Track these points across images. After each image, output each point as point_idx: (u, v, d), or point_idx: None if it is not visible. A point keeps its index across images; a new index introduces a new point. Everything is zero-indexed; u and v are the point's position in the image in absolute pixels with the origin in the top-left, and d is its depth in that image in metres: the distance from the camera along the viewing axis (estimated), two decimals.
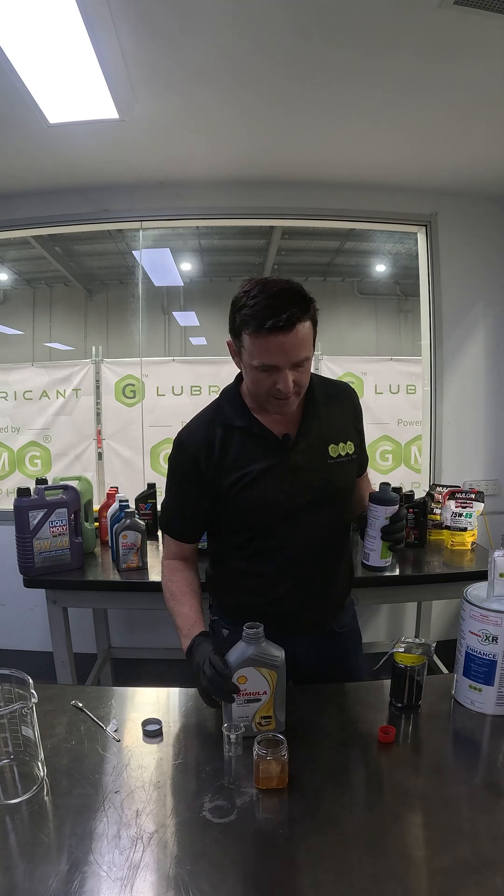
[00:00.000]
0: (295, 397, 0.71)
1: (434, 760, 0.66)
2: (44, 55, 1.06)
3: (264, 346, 0.66)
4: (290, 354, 0.67)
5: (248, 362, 0.69)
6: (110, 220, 1.86)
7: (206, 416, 0.79)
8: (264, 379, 0.69)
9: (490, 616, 0.69)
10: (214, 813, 0.57)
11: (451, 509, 1.54)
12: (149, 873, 0.50)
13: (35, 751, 0.61)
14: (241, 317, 0.67)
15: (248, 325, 0.66)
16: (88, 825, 0.55)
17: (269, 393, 0.70)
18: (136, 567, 1.34)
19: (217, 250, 4.31)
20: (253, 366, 0.68)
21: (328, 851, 0.53)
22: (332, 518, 0.80)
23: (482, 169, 1.62)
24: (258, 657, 0.65)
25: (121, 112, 1.30)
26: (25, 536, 1.30)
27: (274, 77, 1.20)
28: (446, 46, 1.07)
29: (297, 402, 0.73)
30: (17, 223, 1.84)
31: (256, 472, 0.74)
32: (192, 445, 0.76)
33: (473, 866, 0.50)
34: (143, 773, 0.63)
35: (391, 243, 3.72)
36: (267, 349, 0.66)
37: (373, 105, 1.31)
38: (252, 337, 0.66)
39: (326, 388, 0.81)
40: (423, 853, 0.52)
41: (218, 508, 0.78)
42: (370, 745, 0.68)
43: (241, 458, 0.75)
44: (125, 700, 0.80)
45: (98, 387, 2.02)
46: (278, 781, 0.60)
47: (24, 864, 0.51)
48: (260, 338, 0.65)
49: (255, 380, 0.70)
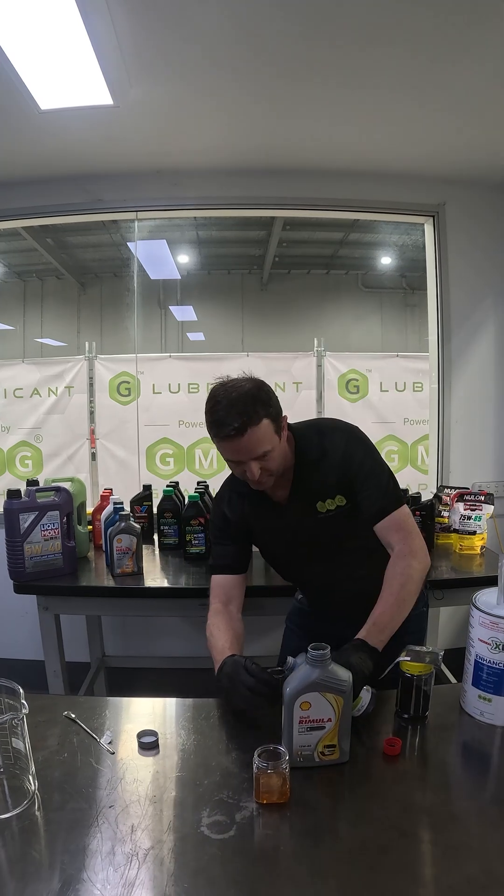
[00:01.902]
0: (269, 478, 0.83)
1: (441, 774, 0.65)
2: (35, 38, 1.02)
3: (224, 448, 0.80)
4: (247, 453, 0.79)
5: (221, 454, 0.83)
6: (104, 211, 1.82)
7: (228, 480, 0.95)
8: (236, 468, 0.83)
9: (500, 623, 0.67)
10: (213, 828, 0.55)
11: (459, 512, 1.51)
12: (144, 891, 0.48)
13: (26, 764, 0.60)
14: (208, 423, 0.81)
15: (209, 430, 0.81)
16: (81, 841, 0.54)
17: (245, 478, 0.83)
18: (131, 572, 1.31)
19: (216, 242, 4.26)
20: (225, 458, 0.83)
21: (331, 869, 0.51)
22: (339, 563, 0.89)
23: (492, 157, 1.58)
24: (323, 681, 0.62)
25: (115, 98, 1.26)
26: (16, 540, 1.27)
27: (275, 64, 1.17)
28: (452, 35, 1.04)
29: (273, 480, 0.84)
30: (7, 213, 1.80)
31: (261, 529, 0.92)
32: (223, 502, 0.94)
33: (482, 884, 0.48)
34: (139, 787, 0.62)
35: (397, 234, 3.68)
36: (227, 449, 0.80)
37: (377, 91, 1.27)
38: (215, 441, 0.81)
39: (317, 444, 0.86)
40: (430, 870, 0.51)
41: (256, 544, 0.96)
42: (375, 758, 0.66)
43: (251, 516, 0.91)
44: (120, 711, 0.79)
45: (91, 384, 1.99)
46: (279, 796, 0.59)
47: (14, 881, 0.49)
48: (220, 442, 0.80)
49: (230, 467, 0.85)
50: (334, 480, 0.84)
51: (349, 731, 0.64)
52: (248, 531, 0.92)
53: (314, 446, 0.86)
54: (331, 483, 0.85)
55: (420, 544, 0.82)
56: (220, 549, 0.93)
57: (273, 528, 0.90)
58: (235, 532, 0.91)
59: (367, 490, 0.83)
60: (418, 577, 0.80)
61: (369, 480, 0.84)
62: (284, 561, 0.97)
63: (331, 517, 0.85)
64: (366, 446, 0.86)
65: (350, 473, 0.84)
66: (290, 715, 0.63)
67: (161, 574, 1.38)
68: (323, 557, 0.90)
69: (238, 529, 0.91)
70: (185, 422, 1.98)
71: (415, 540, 0.82)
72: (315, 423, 0.91)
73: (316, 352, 2.05)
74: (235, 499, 0.91)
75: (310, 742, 0.63)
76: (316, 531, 0.87)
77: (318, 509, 0.85)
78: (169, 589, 1.29)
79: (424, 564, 0.82)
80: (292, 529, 0.88)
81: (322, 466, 0.85)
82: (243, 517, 0.91)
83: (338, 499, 0.85)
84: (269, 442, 0.78)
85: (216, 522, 0.94)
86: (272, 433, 0.79)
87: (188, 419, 1.98)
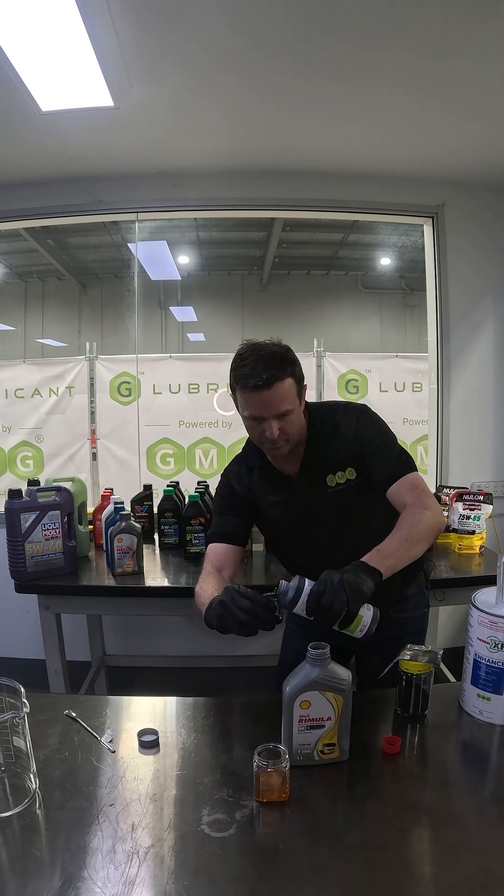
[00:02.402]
0: (285, 443, 0.83)
1: (441, 772, 0.65)
2: (36, 40, 1.03)
3: (249, 401, 0.81)
4: (271, 408, 0.80)
5: (242, 413, 0.84)
6: (105, 212, 1.82)
7: (238, 457, 0.96)
8: (254, 427, 0.83)
9: (499, 622, 0.68)
10: (213, 827, 0.56)
11: (458, 511, 1.51)
12: (145, 889, 0.48)
13: (27, 762, 0.60)
14: (233, 375, 0.82)
15: (238, 383, 0.81)
16: (82, 839, 0.54)
17: (261, 440, 0.84)
18: (132, 572, 1.32)
19: (216, 243, 4.27)
20: (244, 416, 0.83)
21: (331, 867, 0.51)
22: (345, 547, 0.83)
23: (491, 158, 1.59)
24: (323, 680, 0.62)
25: (116, 99, 1.26)
26: (17, 540, 1.28)
27: (274, 66, 1.17)
28: (452, 36, 1.05)
29: (289, 447, 0.84)
30: (9, 215, 1.80)
31: (271, 503, 0.90)
32: (231, 476, 0.94)
33: (482, 882, 0.49)
34: (139, 786, 0.62)
35: (396, 235, 3.68)
36: (252, 403, 0.81)
37: (376, 93, 1.28)
38: (241, 393, 0.82)
39: (331, 419, 0.88)
40: (429, 869, 0.51)
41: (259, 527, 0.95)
42: (375, 756, 0.66)
43: (261, 490, 0.91)
44: (120, 709, 0.79)
45: (92, 384, 1.99)
46: (279, 794, 0.59)
47: (15, 879, 0.49)
48: (246, 394, 0.80)
49: (249, 428, 0.85)
50: (346, 454, 0.85)
51: (349, 729, 0.65)
52: (252, 507, 0.91)
53: (328, 420, 0.87)
54: (342, 456, 0.85)
55: (433, 502, 0.80)
56: (223, 519, 0.92)
57: (281, 502, 0.89)
58: (241, 505, 0.91)
59: (379, 459, 0.84)
60: (429, 524, 0.76)
61: (381, 450, 0.85)
62: (289, 543, 0.95)
63: (340, 491, 0.85)
64: (377, 422, 0.88)
65: (362, 446, 0.85)
66: (289, 714, 0.63)
67: (161, 573, 1.38)
68: (329, 540, 0.88)
69: (244, 503, 0.91)
70: (186, 422, 1.98)
71: (428, 498, 0.81)
72: (328, 402, 0.95)
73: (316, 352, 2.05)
74: (245, 473, 0.91)
75: (309, 741, 0.64)
76: (325, 506, 0.86)
77: (328, 483, 0.85)
78: (169, 588, 1.29)
79: (438, 518, 0.78)
80: (302, 504, 0.87)
81: (334, 440, 0.86)
82: (251, 491, 0.90)
83: (348, 472, 0.85)
84: (291, 401, 0.80)
85: (222, 493, 0.94)
86: (295, 394, 0.81)
87: (188, 419, 1.98)
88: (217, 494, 0.96)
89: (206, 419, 1.95)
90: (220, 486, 0.96)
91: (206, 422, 1.95)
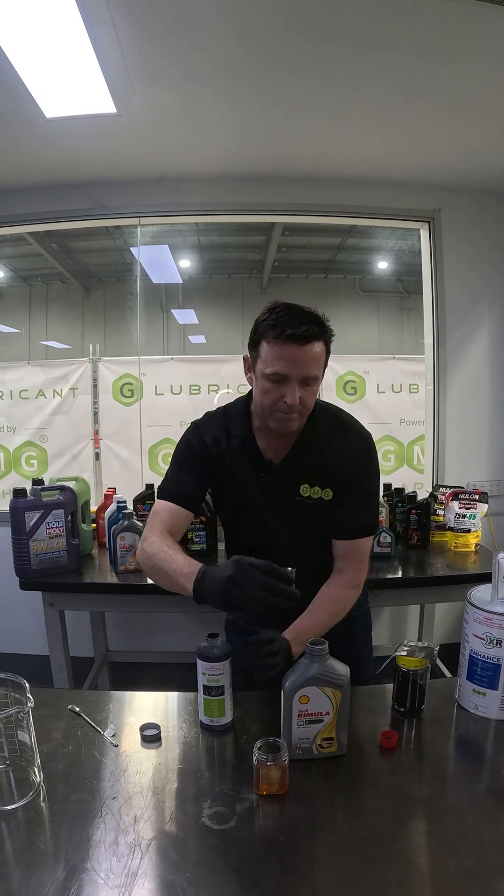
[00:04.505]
0: (297, 416, 0.75)
1: (437, 766, 0.65)
2: (40, 48, 1.05)
3: (279, 354, 0.71)
4: (301, 367, 0.71)
5: (262, 371, 0.73)
6: (108, 216, 1.85)
7: (218, 416, 0.86)
8: (272, 390, 0.73)
9: (494, 619, 0.68)
10: (214, 819, 0.56)
11: (454, 510, 1.53)
12: (147, 881, 0.49)
13: (31, 756, 0.61)
14: (262, 326, 0.72)
15: (268, 333, 0.71)
16: (85, 832, 0.54)
17: (275, 406, 0.74)
18: (135, 569, 1.33)
19: (216, 247, 4.29)
20: (265, 374, 0.73)
21: (329, 858, 0.52)
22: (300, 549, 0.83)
23: (487, 163, 1.61)
24: (322, 676, 0.63)
25: (118, 106, 1.28)
26: (21, 538, 1.29)
27: (274, 72, 1.19)
28: (448, 42, 1.06)
29: (299, 423, 0.77)
30: (13, 219, 1.82)
31: (239, 480, 0.82)
32: (206, 432, 0.84)
33: (477, 874, 0.49)
34: (142, 779, 0.63)
35: (393, 240, 3.70)
36: (281, 357, 0.71)
37: (374, 100, 1.29)
38: (270, 344, 0.71)
39: (333, 428, 0.81)
40: (426, 860, 0.52)
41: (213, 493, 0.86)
42: (372, 750, 0.67)
43: (234, 463, 0.82)
44: (123, 704, 0.80)
45: (95, 386, 2.00)
46: (279, 787, 0.59)
47: (20, 871, 0.50)
48: (277, 345, 0.70)
49: (264, 390, 0.74)
50: (328, 472, 0.79)
51: (347, 724, 0.65)
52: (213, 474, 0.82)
53: (326, 426, 0.80)
54: (324, 471, 0.79)
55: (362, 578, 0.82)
56: (183, 478, 0.81)
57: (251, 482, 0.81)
58: (206, 466, 0.81)
59: (353, 503, 0.80)
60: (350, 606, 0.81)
61: (360, 495, 0.80)
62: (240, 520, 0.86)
63: (308, 504, 0.80)
64: (374, 460, 0.82)
65: (347, 474, 0.79)
66: (289, 708, 0.64)
67: None
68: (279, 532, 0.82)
69: (209, 466, 0.81)
70: (187, 422, 1.98)
71: (363, 572, 0.82)
72: (335, 409, 0.84)
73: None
74: (223, 437, 0.81)
75: (308, 735, 0.64)
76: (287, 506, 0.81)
77: (300, 492, 0.80)
78: None
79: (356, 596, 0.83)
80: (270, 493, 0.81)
81: (325, 449, 0.79)
82: (221, 458, 0.81)
83: (325, 491, 0.80)
84: (318, 369, 0.72)
85: (192, 448, 0.82)
86: (322, 364, 0.73)
87: (189, 420, 1.98)
88: (184, 446, 0.83)
89: None
90: (189, 437, 0.84)
91: None
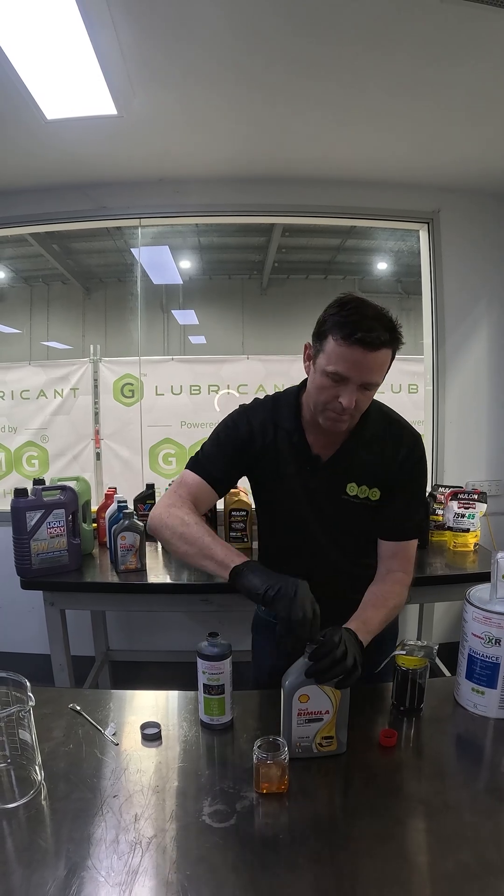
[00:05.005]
0: (349, 418, 0.73)
1: (436, 764, 0.66)
2: (41, 50, 1.06)
3: (344, 355, 0.68)
4: (364, 373, 0.69)
5: (322, 366, 0.71)
6: (108, 217, 1.85)
7: (268, 405, 0.82)
8: (329, 388, 0.71)
9: (493, 618, 0.69)
10: (214, 817, 0.57)
11: (453, 510, 1.53)
12: (147, 878, 0.49)
13: (32, 755, 0.61)
14: (333, 320, 0.69)
15: (337, 330, 0.68)
16: (86, 830, 0.55)
17: (328, 405, 0.72)
18: (135, 569, 1.33)
19: (216, 248, 4.30)
20: (325, 371, 0.70)
21: (329, 856, 0.52)
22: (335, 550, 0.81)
23: (485, 165, 1.61)
24: None
25: (119, 108, 1.29)
26: (23, 538, 1.29)
27: (274, 73, 1.19)
28: (448, 43, 1.06)
29: (347, 427, 0.75)
30: (15, 220, 1.83)
31: (282, 474, 0.79)
32: (255, 419, 0.80)
33: (476, 872, 0.49)
34: (142, 778, 0.63)
35: (393, 241, 3.70)
36: (345, 359, 0.68)
37: (373, 101, 1.30)
38: (336, 342, 0.68)
39: (384, 427, 0.80)
40: (425, 858, 0.52)
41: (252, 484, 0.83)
42: (372, 749, 0.67)
43: (279, 456, 0.79)
44: (123, 703, 0.80)
45: (96, 386, 2.01)
46: (278, 785, 0.60)
47: (21, 869, 0.50)
48: (343, 346, 0.68)
49: (321, 386, 0.72)
50: (378, 469, 0.77)
51: (346, 723, 0.65)
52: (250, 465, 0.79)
53: (378, 425, 0.79)
54: (379, 472, 0.77)
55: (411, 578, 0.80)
56: (221, 459, 0.78)
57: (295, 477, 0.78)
58: (245, 454, 0.78)
59: (405, 503, 0.78)
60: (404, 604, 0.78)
61: (410, 498, 0.79)
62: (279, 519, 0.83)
63: (354, 503, 0.78)
64: (425, 460, 0.81)
65: (398, 474, 0.77)
66: (289, 707, 0.64)
67: (164, 570, 1.39)
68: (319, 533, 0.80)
69: (249, 455, 0.78)
70: (187, 422, 2.00)
71: (412, 573, 0.80)
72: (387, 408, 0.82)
73: None
74: (271, 427, 0.78)
75: (308, 734, 0.65)
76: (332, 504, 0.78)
77: (346, 489, 0.78)
78: (171, 585, 1.31)
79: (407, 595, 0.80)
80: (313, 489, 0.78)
81: (375, 448, 0.77)
82: (265, 449, 0.77)
83: (372, 492, 0.77)
84: (381, 376, 0.70)
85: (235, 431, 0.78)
86: (385, 371, 0.71)
87: (190, 420, 2.00)
88: (231, 426, 0.80)
89: (207, 420, 1.96)
90: (236, 419, 0.80)
91: (207, 422, 1.97)
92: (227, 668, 0.70)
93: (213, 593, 1.28)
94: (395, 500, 0.79)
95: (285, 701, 0.64)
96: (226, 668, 0.70)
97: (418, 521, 0.82)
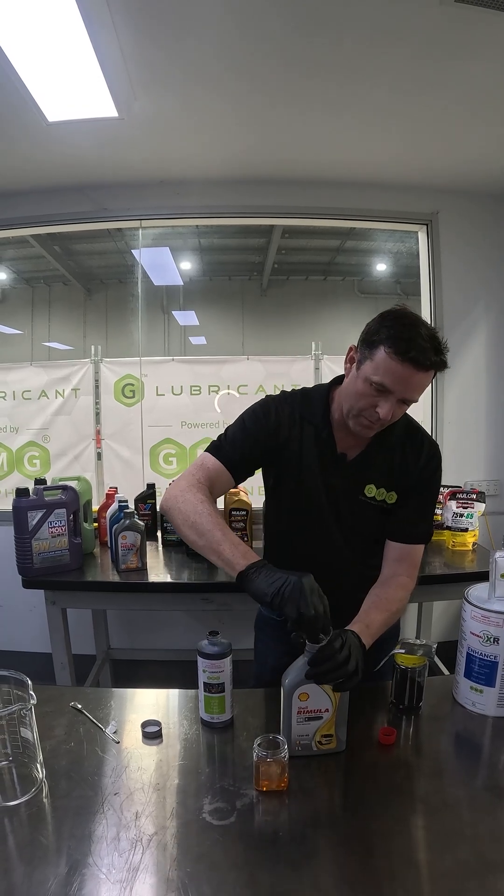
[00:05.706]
0: (380, 427, 0.74)
1: (435, 762, 0.66)
2: (43, 53, 1.06)
3: (393, 370, 0.69)
4: (408, 389, 0.70)
5: (367, 374, 0.71)
6: (109, 219, 1.86)
7: (296, 398, 0.82)
8: (370, 396, 0.72)
9: (491, 617, 0.69)
10: (214, 815, 0.57)
11: (452, 510, 1.54)
12: (148, 876, 0.50)
13: (34, 752, 0.61)
14: (388, 332, 0.69)
15: (391, 343, 0.68)
16: (87, 827, 0.55)
17: (363, 412, 0.73)
18: (136, 568, 1.34)
19: (217, 249, 4.31)
20: (371, 380, 0.71)
21: (328, 853, 0.52)
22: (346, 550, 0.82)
23: (484, 167, 1.62)
24: None
25: (120, 110, 1.30)
26: (24, 537, 1.30)
27: (274, 75, 1.20)
28: (447, 44, 1.07)
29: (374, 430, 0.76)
30: (16, 222, 1.84)
31: (304, 469, 0.80)
32: (283, 410, 0.80)
33: (475, 869, 0.50)
34: (143, 775, 0.63)
35: (392, 242, 3.72)
36: (394, 373, 0.69)
37: (372, 103, 1.30)
38: (388, 355, 0.69)
39: (407, 433, 0.82)
40: (424, 856, 0.52)
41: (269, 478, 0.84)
42: (371, 747, 0.67)
43: (303, 450, 0.79)
44: (124, 701, 0.80)
45: (97, 386, 2.02)
46: (278, 783, 0.60)
47: (22, 866, 0.50)
48: (395, 361, 0.68)
49: (362, 393, 0.73)
50: (398, 473, 0.79)
51: (346, 721, 0.66)
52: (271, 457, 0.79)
53: (401, 430, 0.81)
54: (393, 473, 0.79)
55: (414, 582, 0.81)
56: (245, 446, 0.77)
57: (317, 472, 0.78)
58: (269, 444, 0.78)
59: (417, 508, 0.80)
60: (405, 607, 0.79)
61: (423, 503, 0.81)
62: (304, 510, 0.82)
63: (370, 505, 0.80)
64: (440, 469, 0.83)
65: (416, 480, 0.80)
66: (288, 705, 0.64)
67: (164, 569, 1.40)
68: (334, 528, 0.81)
69: (273, 447, 0.78)
70: (188, 423, 2.01)
71: (415, 579, 0.81)
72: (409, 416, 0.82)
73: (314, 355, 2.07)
74: (297, 421, 0.79)
75: (308, 732, 0.65)
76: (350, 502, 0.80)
77: (364, 490, 0.80)
78: (172, 584, 1.31)
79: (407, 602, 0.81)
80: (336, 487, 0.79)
81: (397, 452, 0.80)
82: (290, 441, 0.78)
83: (389, 495, 0.80)
84: (421, 393, 0.72)
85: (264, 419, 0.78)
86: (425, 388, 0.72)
87: (190, 420, 2.00)
88: (260, 413, 0.79)
89: (207, 420, 1.97)
90: (266, 406, 0.80)
91: (208, 422, 1.97)
92: (228, 666, 0.70)
93: (214, 592, 1.28)
94: (410, 505, 0.80)
95: (285, 699, 0.64)
96: (226, 667, 0.70)
97: (428, 528, 0.83)
